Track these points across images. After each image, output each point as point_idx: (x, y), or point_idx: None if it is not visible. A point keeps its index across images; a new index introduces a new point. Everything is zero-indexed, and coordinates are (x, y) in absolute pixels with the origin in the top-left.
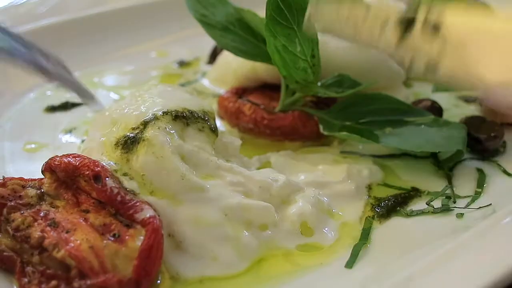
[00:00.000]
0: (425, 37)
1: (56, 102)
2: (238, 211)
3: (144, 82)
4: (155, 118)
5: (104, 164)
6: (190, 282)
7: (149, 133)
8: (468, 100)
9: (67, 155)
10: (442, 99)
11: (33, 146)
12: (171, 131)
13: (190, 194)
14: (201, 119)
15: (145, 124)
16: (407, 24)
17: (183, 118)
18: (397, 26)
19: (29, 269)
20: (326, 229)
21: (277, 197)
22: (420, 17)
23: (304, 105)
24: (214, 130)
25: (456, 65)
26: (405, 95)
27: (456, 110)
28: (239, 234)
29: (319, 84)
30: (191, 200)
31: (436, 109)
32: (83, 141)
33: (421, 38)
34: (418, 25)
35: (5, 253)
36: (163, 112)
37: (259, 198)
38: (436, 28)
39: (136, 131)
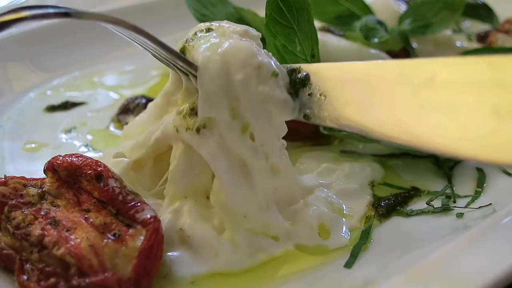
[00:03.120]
0: None
1: (56, 101)
2: (258, 221)
3: (144, 82)
4: None
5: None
6: (181, 283)
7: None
8: None
9: (70, 155)
10: None
11: (33, 145)
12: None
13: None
14: None
15: None
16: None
17: None
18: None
19: (28, 266)
20: (342, 229)
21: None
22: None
23: None
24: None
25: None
26: None
27: None
28: (248, 235)
29: None
30: (231, 184)
31: None
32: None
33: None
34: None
35: (4, 251)
36: None
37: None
38: (304, 82)
39: None
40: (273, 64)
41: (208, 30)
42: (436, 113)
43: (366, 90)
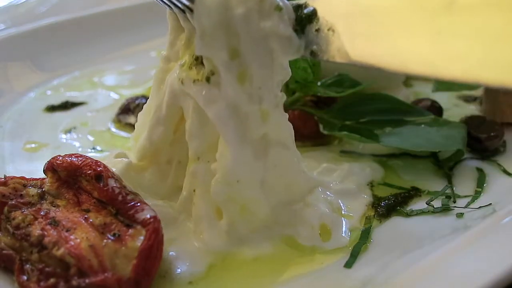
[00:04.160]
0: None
1: (56, 101)
2: (248, 190)
3: (144, 82)
4: None
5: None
6: (179, 283)
7: None
8: (468, 99)
9: (70, 155)
10: (442, 98)
11: (33, 145)
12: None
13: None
14: None
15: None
16: None
17: None
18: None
19: (28, 266)
20: (342, 230)
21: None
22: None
23: (304, 104)
24: None
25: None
26: (405, 95)
27: (456, 110)
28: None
29: (319, 83)
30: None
31: (436, 109)
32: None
33: None
34: None
35: (4, 251)
36: None
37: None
38: (311, 18)
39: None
40: None
41: None
42: (455, 38)
43: (378, 21)
